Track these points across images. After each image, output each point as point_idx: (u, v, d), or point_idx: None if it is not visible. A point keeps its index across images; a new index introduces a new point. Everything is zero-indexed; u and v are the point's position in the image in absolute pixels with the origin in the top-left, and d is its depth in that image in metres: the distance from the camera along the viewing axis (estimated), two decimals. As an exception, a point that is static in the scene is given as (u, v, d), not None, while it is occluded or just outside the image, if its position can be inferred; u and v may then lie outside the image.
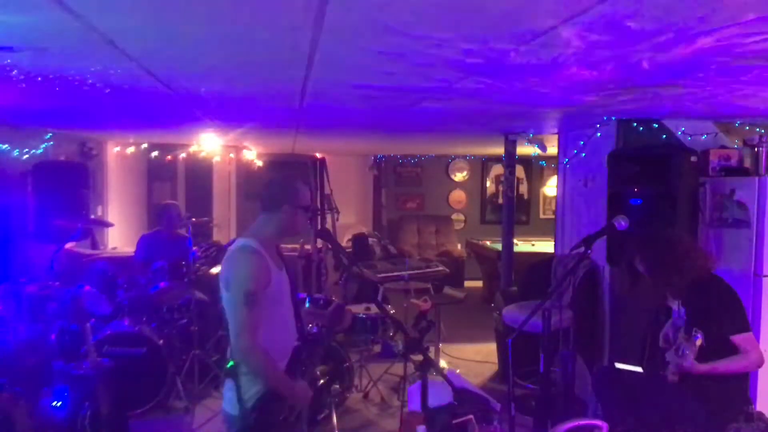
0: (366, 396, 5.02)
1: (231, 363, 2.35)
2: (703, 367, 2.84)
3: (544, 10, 1.81)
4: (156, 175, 9.03)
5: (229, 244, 6.28)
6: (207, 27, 2.10)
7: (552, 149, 6.00)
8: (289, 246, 6.24)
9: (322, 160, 7.58)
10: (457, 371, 5.40)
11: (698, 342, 2.77)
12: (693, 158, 3.87)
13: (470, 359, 6.08)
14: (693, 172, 3.88)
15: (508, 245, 6.41)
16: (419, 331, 2.79)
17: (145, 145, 8.01)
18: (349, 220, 9.85)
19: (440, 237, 10.17)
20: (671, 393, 3.00)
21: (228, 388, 2.47)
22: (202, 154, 8.61)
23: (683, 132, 4.39)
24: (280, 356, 2.53)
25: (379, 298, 6.12)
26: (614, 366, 3.54)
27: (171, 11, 1.91)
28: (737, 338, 2.89)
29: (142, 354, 4.44)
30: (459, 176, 10.69)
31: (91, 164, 6.61)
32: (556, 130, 5.57)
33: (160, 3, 1.82)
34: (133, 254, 5.53)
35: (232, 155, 9.50)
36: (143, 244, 5.41)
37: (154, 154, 8.21)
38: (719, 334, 2.89)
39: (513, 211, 6.53)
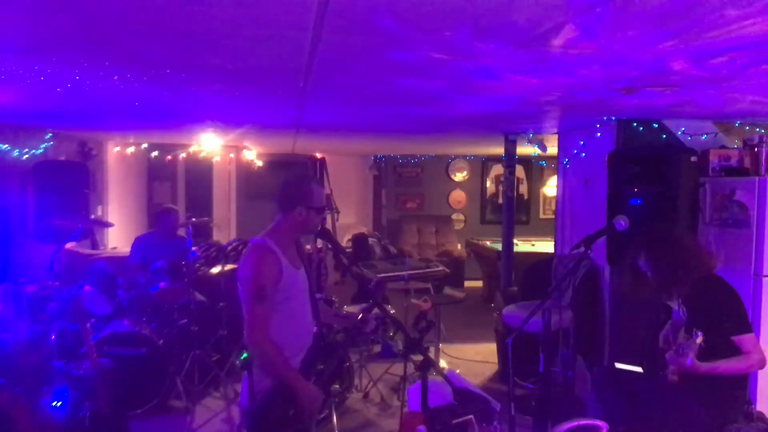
0: (366, 396, 5.02)
1: (245, 355, 2.39)
2: (704, 367, 2.84)
3: (544, 12, 1.81)
4: (156, 175, 9.03)
5: (229, 244, 6.33)
6: (207, 27, 2.10)
7: (552, 149, 6.01)
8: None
9: (322, 160, 7.57)
10: (457, 371, 5.40)
11: (699, 340, 2.77)
12: (693, 158, 3.87)
13: (470, 359, 6.07)
14: (693, 172, 3.88)
15: (508, 245, 6.41)
16: (419, 331, 2.79)
17: (145, 145, 8.01)
18: (349, 220, 9.86)
19: (440, 237, 10.17)
20: (671, 393, 3.00)
21: (243, 380, 2.53)
22: (202, 154, 8.62)
23: (683, 132, 4.39)
24: (294, 352, 2.57)
25: (379, 297, 6.12)
26: (614, 366, 3.54)
27: (171, 11, 1.91)
28: (738, 339, 2.88)
29: (142, 354, 4.44)
30: (459, 176, 10.70)
31: (91, 164, 6.60)
32: (556, 130, 5.57)
33: (160, 3, 1.82)
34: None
35: (232, 155, 9.51)
36: (137, 246, 5.41)
37: (154, 154, 8.21)
38: (720, 334, 2.89)
39: (513, 211, 6.53)
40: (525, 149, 6.67)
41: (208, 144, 8.08)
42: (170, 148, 8.23)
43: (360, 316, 2.95)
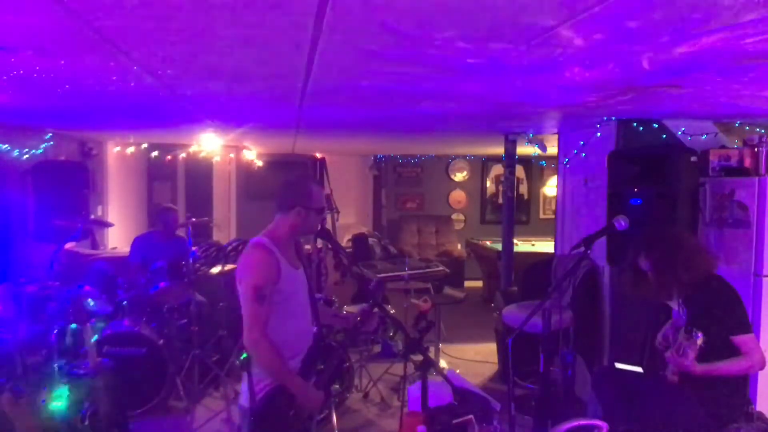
0: (366, 396, 5.02)
1: (245, 355, 2.40)
2: (703, 368, 2.84)
3: (544, 10, 1.81)
4: (156, 175, 9.03)
5: (229, 244, 6.33)
6: (207, 28, 2.10)
7: (552, 149, 6.00)
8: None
9: (322, 160, 7.60)
10: (457, 371, 5.40)
11: (699, 341, 2.77)
12: (693, 158, 3.87)
13: (470, 359, 6.08)
14: (693, 172, 3.88)
15: (508, 245, 6.41)
16: (419, 331, 2.78)
17: (145, 145, 8.01)
18: (349, 220, 9.86)
19: (440, 237, 10.17)
20: (671, 393, 3.00)
21: (243, 381, 2.53)
22: (202, 154, 8.62)
23: (683, 132, 4.39)
24: (293, 353, 2.57)
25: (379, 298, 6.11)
26: (614, 366, 3.54)
27: (171, 12, 1.91)
28: (738, 339, 2.88)
29: (142, 354, 4.44)
30: (459, 176, 10.70)
31: (91, 164, 6.60)
32: (556, 130, 5.57)
33: (160, 3, 1.82)
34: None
35: (232, 155, 9.51)
36: (137, 246, 5.42)
37: (154, 154, 8.21)
38: (720, 334, 2.88)
39: (513, 211, 6.53)
40: (525, 149, 6.67)
41: (208, 144, 8.07)
42: (170, 148, 8.23)
43: (359, 318, 2.95)
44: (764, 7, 1.74)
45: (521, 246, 8.09)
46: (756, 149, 3.94)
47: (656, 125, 4.43)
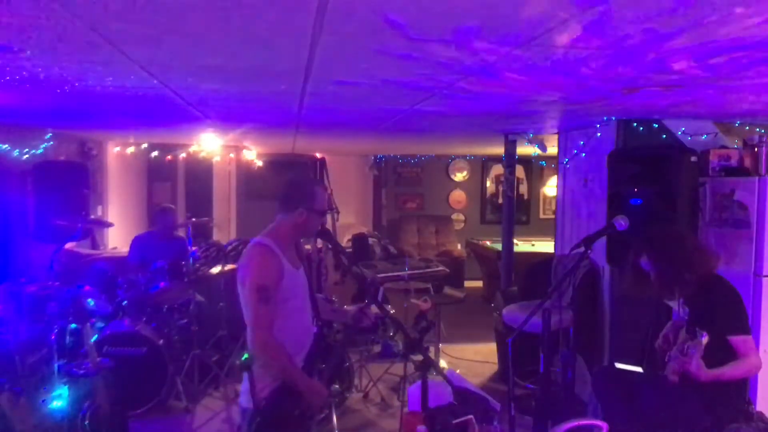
0: (366, 396, 5.02)
1: (245, 356, 2.39)
2: (710, 374, 2.81)
3: (544, 10, 1.81)
4: (156, 175, 9.03)
5: (229, 243, 6.34)
6: (206, 26, 2.10)
7: (552, 149, 6.00)
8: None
9: (322, 160, 7.59)
10: (457, 371, 5.40)
11: (704, 341, 2.76)
12: (693, 158, 3.87)
13: (470, 359, 6.08)
14: (693, 172, 3.88)
15: (508, 245, 6.41)
16: (419, 331, 2.79)
17: (145, 145, 8.01)
18: (349, 220, 9.86)
19: (440, 237, 10.17)
20: (671, 393, 3.00)
21: (243, 381, 2.53)
22: (202, 154, 8.62)
23: (683, 132, 4.39)
24: (295, 352, 2.57)
25: (379, 298, 6.11)
26: (614, 366, 3.54)
27: (170, 11, 1.91)
28: (735, 339, 2.87)
29: (142, 354, 4.45)
30: (459, 176, 10.70)
31: (91, 164, 6.60)
32: (556, 130, 5.57)
33: (159, 2, 1.82)
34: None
35: (232, 155, 9.51)
36: (136, 245, 5.42)
37: (154, 154, 8.21)
38: (719, 334, 2.88)
39: (513, 211, 6.52)
40: (525, 149, 6.67)
41: (208, 144, 8.07)
42: (170, 148, 8.23)
43: (353, 315, 2.96)
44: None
45: (521, 246, 8.09)
46: (756, 149, 3.95)
47: (656, 125, 4.43)
